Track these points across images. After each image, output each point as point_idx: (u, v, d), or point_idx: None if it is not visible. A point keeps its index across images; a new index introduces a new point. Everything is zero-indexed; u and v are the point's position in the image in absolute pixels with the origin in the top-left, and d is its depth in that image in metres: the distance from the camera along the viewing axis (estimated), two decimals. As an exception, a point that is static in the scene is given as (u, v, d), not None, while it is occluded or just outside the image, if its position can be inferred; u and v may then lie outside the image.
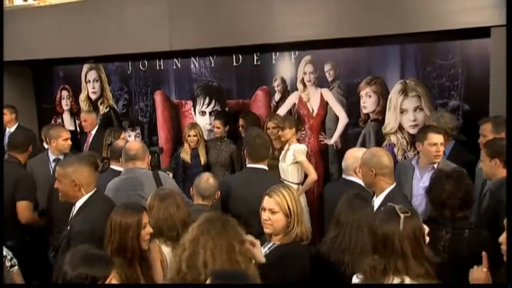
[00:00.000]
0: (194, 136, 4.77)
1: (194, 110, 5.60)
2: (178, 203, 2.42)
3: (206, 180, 2.87)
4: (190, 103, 5.62)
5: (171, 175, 3.55)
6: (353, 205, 2.26)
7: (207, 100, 5.52)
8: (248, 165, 3.04)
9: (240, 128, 4.86)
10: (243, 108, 5.25)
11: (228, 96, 5.40)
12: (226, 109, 5.41)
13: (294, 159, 4.22)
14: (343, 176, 3.04)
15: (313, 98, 4.94)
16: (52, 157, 4.07)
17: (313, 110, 4.98)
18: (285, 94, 5.10)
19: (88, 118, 5.29)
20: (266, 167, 3.00)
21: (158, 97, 5.74)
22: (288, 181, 4.12)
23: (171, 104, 5.71)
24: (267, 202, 2.30)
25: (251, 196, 2.72)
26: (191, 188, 2.94)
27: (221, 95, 5.42)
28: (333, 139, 4.94)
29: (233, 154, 4.84)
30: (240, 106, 5.30)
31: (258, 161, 3.00)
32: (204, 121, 5.53)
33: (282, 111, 5.08)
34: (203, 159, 4.77)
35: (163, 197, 2.43)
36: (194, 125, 4.83)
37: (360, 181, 2.86)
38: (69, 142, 4.16)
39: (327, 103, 4.90)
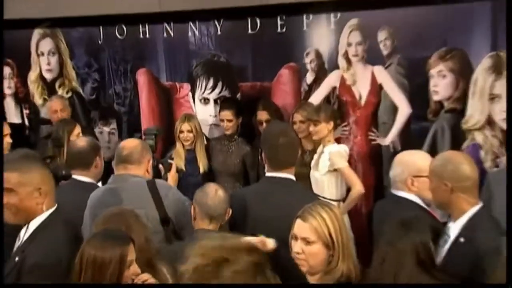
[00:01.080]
0: (189, 131, 4.87)
1: (193, 97, 5.68)
2: (129, 225, 2.48)
3: (215, 193, 2.92)
4: (187, 86, 5.69)
5: (173, 168, 3.67)
6: (395, 236, 2.33)
7: (211, 83, 5.58)
8: (268, 174, 3.10)
9: (257, 123, 4.98)
10: (262, 94, 5.32)
11: (240, 77, 5.48)
12: (238, 95, 5.51)
13: (331, 166, 4.30)
14: (391, 190, 3.12)
15: (361, 79, 5.03)
16: None
17: (360, 97, 5.07)
18: (320, 75, 5.20)
19: (64, 107, 5.44)
20: (293, 177, 3.07)
21: (142, 77, 5.81)
22: (322, 197, 4.17)
23: (161, 87, 5.78)
24: (300, 228, 2.38)
25: (274, 219, 2.80)
26: (192, 207, 2.97)
27: (230, 75, 5.49)
28: (389, 138, 5.01)
29: (246, 158, 4.98)
30: (258, 91, 5.37)
31: (282, 168, 3.05)
32: (206, 112, 5.63)
33: (316, 98, 5.18)
34: (202, 165, 4.89)
35: (108, 219, 2.50)
36: (189, 117, 4.95)
37: (414, 198, 2.94)
38: (8, 139, 4.31)
39: (381, 87, 4.98)
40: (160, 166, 3.83)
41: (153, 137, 3.81)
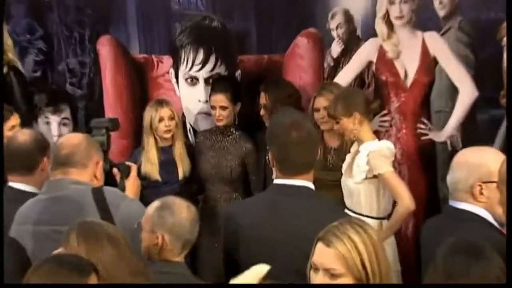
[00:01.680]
0: (171, 118, 4.94)
1: (177, 75, 5.62)
2: (92, 247, 2.53)
3: (187, 210, 3.01)
4: (168, 61, 5.65)
5: (133, 172, 3.69)
6: (458, 267, 2.28)
7: (200, 56, 5.50)
8: (277, 181, 3.11)
9: (262, 110, 4.91)
10: (270, 71, 5.33)
11: (241, 47, 5.48)
12: (237, 73, 5.49)
13: (369, 171, 4.26)
14: (450, 202, 3.10)
15: (408, 51, 4.97)
16: None
17: (406, 75, 5.00)
18: (351, 45, 5.16)
19: None
20: (311, 185, 3.09)
21: (105, 48, 5.72)
22: (358, 214, 4.19)
23: (131, 62, 5.74)
24: (323, 255, 2.41)
25: (284, 243, 2.88)
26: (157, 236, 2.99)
27: (227, 46, 5.47)
28: (447, 132, 4.94)
29: (248, 158, 4.99)
30: (264, 67, 5.38)
31: (296, 173, 3.06)
32: (194, 96, 5.58)
33: (344, 77, 5.15)
34: (182, 170, 4.94)
35: (86, 235, 2.53)
36: (165, 101, 5.04)
37: (482, 212, 2.94)
38: None
39: (435, 61, 4.90)
40: (115, 170, 3.71)
41: (103, 132, 3.73)
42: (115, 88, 5.72)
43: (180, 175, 4.98)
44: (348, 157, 4.46)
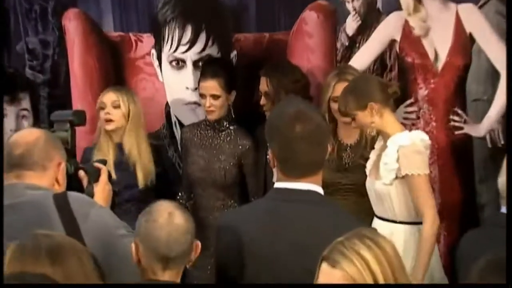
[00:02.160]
0: (115, 107, 4.93)
1: (159, 57, 5.63)
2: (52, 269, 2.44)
3: (168, 219, 2.94)
4: (149, 40, 5.67)
5: (103, 175, 3.65)
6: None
7: (188, 34, 5.50)
8: (279, 185, 3.13)
9: (263, 99, 4.96)
10: (272, 52, 5.35)
11: (237, 24, 5.52)
12: (233, 54, 5.51)
13: (399, 170, 4.21)
14: (501, 209, 3.12)
15: (438, 27, 5.02)
16: None
17: (437, 57, 5.04)
18: (370, 20, 5.21)
19: None
20: (319, 189, 3.11)
21: (72, 24, 5.65)
22: (392, 221, 4.26)
23: (105, 41, 5.73)
24: (328, 277, 2.42)
25: (287, 259, 2.91)
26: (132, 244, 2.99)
27: (220, 21, 5.49)
28: (486, 125, 4.98)
29: (245, 158, 5.00)
30: (265, 48, 5.41)
31: (301, 175, 3.07)
32: (181, 82, 5.60)
33: (361, 58, 5.20)
34: (141, 173, 4.92)
35: (21, 257, 2.45)
36: (118, 88, 5.10)
37: None
38: None
39: (471, 39, 4.94)
40: (81, 173, 3.67)
41: (67, 127, 3.65)
42: (84, 72, 5.67)
43: (140, 181, 4.92)
44: (373, 154, 4.45)
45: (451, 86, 4.97)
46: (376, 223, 4.31)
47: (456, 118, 4.98)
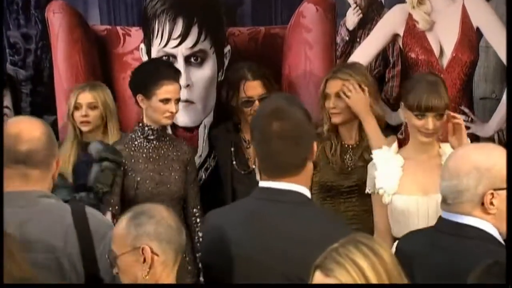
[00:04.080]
0: (92, 107, 4.92)
1: (149, 52, 5.57)
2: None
3: (167, 210, 3.05)
4: (137, 33, 5.61)
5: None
6: None
7: (179, 27, 5.44)
8: (262, 184, 3.17)
9: (239, 104, 5.03)
10: (268, 47, 5.33)
11: (231, 17, 5.50)
12: (227, 49, 5.49)
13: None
14: (446, 215, 3.08)
15: (444, 21, 5.05)
16: None
17: (442, 52, 5.06)
18: (371, 13, 5.25)
19: None
20: (303, 189, 3.11)
21: (57, 17, 5.56)
22: None
23: (91, 35, 5.67)
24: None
25: (265, 264, 2.93)
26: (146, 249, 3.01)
27: (214, 14, 5.46)
28: (494, 124, 5.04)
29: (189, 165, 4.92)
30: (261, 43, 5.40)
31: (282, 174, 3.10)
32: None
33: (362, 54, 5.20)
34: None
35: None
36: (93, 85, 5.05)
37: (491, 229, 2.96)
38: None
39: (478, 34, 4.98)
40: None
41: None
42: (69, 68, 5.59)
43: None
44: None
45: (457, 83, 4.97)
46: None
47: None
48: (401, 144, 4.50)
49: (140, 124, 4.78)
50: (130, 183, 4.80)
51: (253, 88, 4.87)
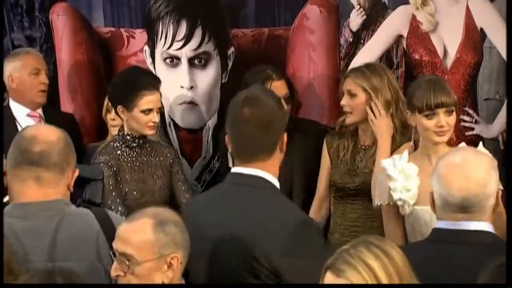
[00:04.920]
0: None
1: (153, 54, 5.58)
2: None
3: (178, 217, 3.01)
4: (141, 36, 5.63)
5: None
6: None
7: (183, 29, 5.46)
8: (234, 169, 3.28)
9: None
10: (271, 49, 5.35)
11: (235, 19, 5.50)
12: (230, 51, 5.49)
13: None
14: (460, 224, 2.99)
15: (448, 22, 5.04)
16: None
17: (445, 53, 5.06)
18: (375, 14, 5.23)
19: None
20: (268, 175, 3.16)
21: (61, 19, 5.63)
22: None
23: (95, 37, 5.70)
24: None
25: (237, 245, 2.98)
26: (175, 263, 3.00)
27: (218, 16, 5.47)
28: (498, 125, 5.01)
29: (173, 167, 4.89)
30: (264, 45, 5.42)
31: (250, 160, 3.18)
32: (176, 81, 5.52)
33: (367, 55, 5.18)
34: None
35: None
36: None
37: (492, 230, 2.99)
38: None
39: (482, 35, 4.97)
40: None
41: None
42: (73, 70, 5.65)
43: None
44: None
45: (461, 84, 4.96)
46: None
47: (466, 118, 4.95)
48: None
49: (121, 133, 4.69)
50: (116, 195, 4.72)
51: (279, 87, 4.79)
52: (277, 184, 3.21)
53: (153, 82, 4.76)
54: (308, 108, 5.09)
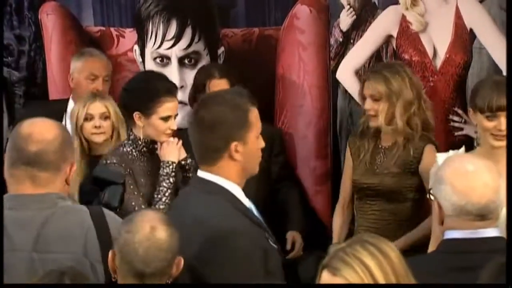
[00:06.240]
0: (105, 117, 4.81)
1: (142, 53, 5.61)
2: None
3: (149, 233, 2.92)
4: (131, 35, 5.65)
5: None
6: None
7: (173, 28, 5.48)
8: (199, 173, 3.31)
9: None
10: (261, 49, 5.37)
11: (225, 18, 5.54)
12: (220, 50, 5.51)
13: None
14: (448, 235, 3.01)
15: (437, 22, 5.07)
16: None
17: (435, 53, 5.09)
18: (365, 15, 5.26)
19: None
20: (219, 180, 3.17)
21: (50, 19, 5.59)
22: None
23: (84, 36, 5.68)
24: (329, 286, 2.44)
25: (182, 245, 2.96)
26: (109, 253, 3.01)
27: (208, 15, 5.48)
28: None
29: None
30: (255, 45, 5.43)
31: (200, 162, 3.25)
32: None
33: (356, 55, 5.25)
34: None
35: None
36: (99, 96, 4.92)
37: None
38: None
39: (472, 35, 4.99)
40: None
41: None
42: (63, 70, 5.53)
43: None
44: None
45: (451, 84, 4.98)
46: None
47: (456, 118, 4.98)
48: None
49: (131, 137, 4.56)
50: (132, 201, 4.55)
51: (218, 86, 4.81)
52: (231, 187, 3.18)
53: (173, 89, 4.67)
54: (298, 107, 5.08)
